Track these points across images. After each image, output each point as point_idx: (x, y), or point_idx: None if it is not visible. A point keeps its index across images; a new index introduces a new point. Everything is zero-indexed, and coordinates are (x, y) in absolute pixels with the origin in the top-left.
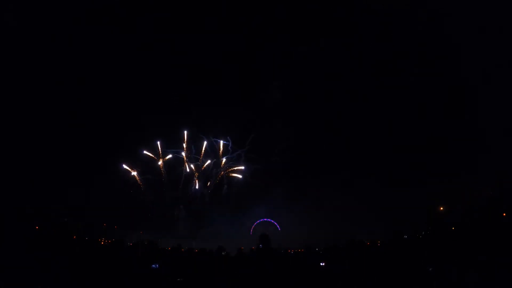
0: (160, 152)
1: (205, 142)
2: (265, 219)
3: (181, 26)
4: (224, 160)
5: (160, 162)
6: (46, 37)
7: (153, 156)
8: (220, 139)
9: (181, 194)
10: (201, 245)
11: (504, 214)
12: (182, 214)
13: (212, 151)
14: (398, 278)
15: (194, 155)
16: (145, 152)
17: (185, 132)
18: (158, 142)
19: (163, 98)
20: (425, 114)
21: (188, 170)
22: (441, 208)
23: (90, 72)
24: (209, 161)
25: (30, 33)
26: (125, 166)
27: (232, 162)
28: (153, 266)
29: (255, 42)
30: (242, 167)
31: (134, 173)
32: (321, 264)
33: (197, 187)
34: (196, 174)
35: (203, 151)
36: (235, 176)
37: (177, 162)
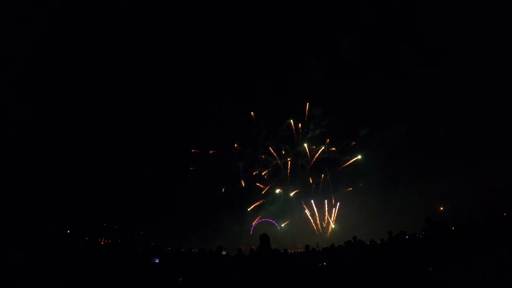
0: None
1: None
2: (265, 219)
3: None
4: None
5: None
6: None
7: None
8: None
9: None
10: (201, 245)
11: (505, 214)
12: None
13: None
14: (398, 278)
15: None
16: None
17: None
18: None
19: None
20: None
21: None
22: (441, 208)
23: None
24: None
25: None
26: None
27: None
28: (155, 260)
29: None
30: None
31: None
32: (321, 264)
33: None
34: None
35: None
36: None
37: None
